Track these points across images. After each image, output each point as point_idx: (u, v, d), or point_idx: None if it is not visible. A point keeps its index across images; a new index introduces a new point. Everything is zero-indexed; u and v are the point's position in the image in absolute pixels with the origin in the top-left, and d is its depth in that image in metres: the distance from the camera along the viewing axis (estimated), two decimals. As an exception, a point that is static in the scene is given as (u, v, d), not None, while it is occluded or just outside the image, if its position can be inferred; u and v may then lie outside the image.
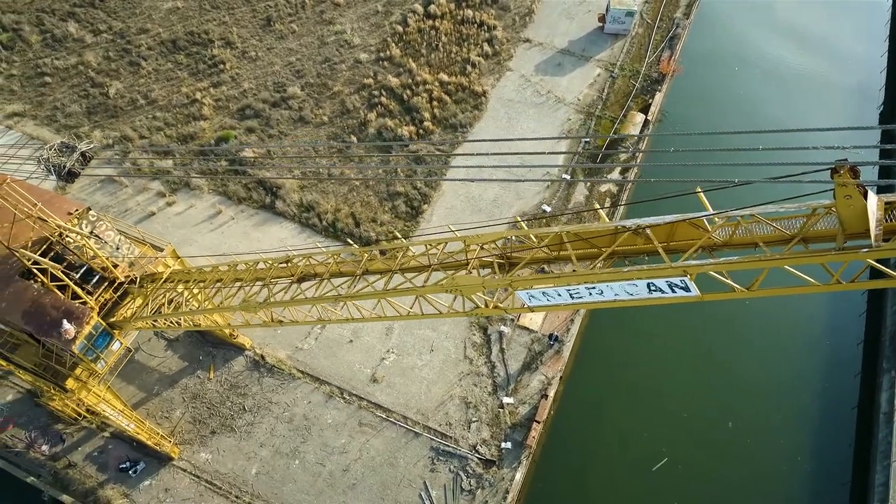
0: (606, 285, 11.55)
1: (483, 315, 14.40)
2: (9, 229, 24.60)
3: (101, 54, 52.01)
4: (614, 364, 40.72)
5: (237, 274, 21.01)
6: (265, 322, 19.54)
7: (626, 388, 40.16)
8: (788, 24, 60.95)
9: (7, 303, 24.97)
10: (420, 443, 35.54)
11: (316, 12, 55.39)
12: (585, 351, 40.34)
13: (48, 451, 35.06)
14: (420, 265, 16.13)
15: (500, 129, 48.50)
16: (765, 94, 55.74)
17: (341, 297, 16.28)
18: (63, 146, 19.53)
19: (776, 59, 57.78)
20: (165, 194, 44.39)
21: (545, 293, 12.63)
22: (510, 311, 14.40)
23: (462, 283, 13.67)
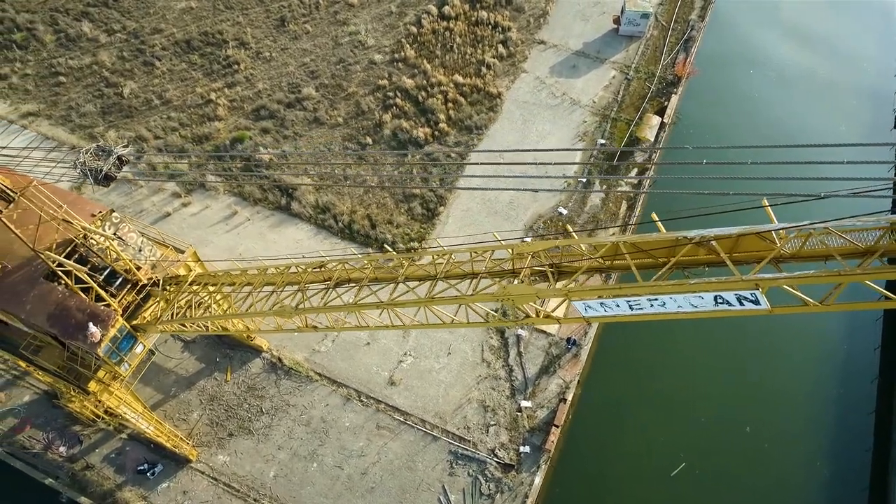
0: (670, 297, 11.42)
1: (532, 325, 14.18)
2: (34, 231, 24.50)
3: (115, 54, 51.94)
4: (631, 368, 40.56)
5: (268, 278, 20.86)
6: (299, 328, 19.42)
7: (643, 393, 40.00)
8: (802, 26, 60.70)
9: (32, 305, 24.89)
10: (438, 446, 35.42)
11: (330, 13, 55.28)
12: (602, 354, 40.18)
13: (66, 453, 34.99)
14: (463, 273, 15.96)
15: (516, 131, 48.37)
16: (779, 97, 55.52)
17: (383, 304, 16.12)
18: (99, 150, 19.43)
19: (790, 62, 57.56)
20: (181, 195, 44.30)
21: (603, 304, 12.49)
22: (563, 321, 14.26)
23: (514, 293, 13.51)
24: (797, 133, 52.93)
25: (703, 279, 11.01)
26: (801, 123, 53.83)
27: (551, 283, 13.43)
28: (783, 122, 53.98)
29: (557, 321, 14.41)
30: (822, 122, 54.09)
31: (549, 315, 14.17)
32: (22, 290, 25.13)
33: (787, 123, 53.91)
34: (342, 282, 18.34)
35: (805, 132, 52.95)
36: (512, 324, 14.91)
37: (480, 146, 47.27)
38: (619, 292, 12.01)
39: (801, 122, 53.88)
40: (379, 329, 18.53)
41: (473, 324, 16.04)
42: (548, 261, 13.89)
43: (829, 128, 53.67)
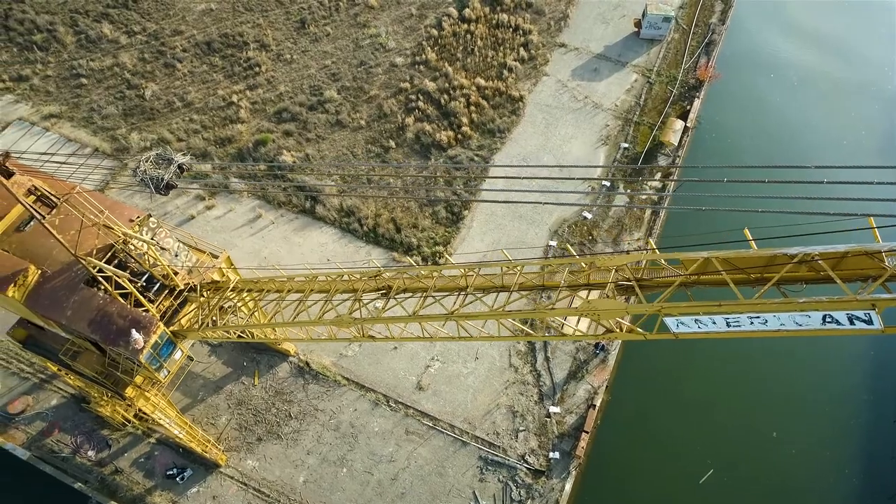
0: (773, 315, 11.29)
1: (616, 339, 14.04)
2: (75, 237, 24.40)
3: (135, 56, 51.85)
4: (658, 373, 40.43)
5: (320, 285, 20.67)
6: (354, 337, 19.28)
7: (669, 398, 39.89)
8: (822, 29, 60.53)
9: (73, 311, 24.78)
10: (468, 452, 35.31)
11: (350, 15, 55.15)
12: (629, 360, 40.05)
13: (94, 457, 34.93)
14: (533, 285, 15.82)
15: (538, 135, 48.24)
16: (800, 101, 55.40)
17: (451, 315, 15.93)
18: (159, 158, 19.32)
19: (810, 66, 57.40)
20: (204, 198, 44.19)
21: (698, 321, 12.35)
22: (650, 337, 14.13)
23: (601, 308, 13.37)
24: (817, 139, 52.85)
25: (814, 298, 10.87)
26: (821, 128, 53.70)
27: (640, 297, 13.29)
28: (803, 127, 53.88)
29: (644, 336, 14.19)
30: (842, 127, 53.90)
31: (634, 329, 14.03)
32: (62, 295, 25.01)
33: (807, 128, 53.81)
34: (401, 291, 18.20)
35: (825, 137, 52.86)
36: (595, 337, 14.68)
37: (504, 150, 47.18)
38: (720, 309, 11.87)
39: (821, 127, 53.75)
40: (444, 340, 18.37)
41: (551, 337, 15.89)
42: (633, 275, 13.75)
43: (850, 133, 53.50)
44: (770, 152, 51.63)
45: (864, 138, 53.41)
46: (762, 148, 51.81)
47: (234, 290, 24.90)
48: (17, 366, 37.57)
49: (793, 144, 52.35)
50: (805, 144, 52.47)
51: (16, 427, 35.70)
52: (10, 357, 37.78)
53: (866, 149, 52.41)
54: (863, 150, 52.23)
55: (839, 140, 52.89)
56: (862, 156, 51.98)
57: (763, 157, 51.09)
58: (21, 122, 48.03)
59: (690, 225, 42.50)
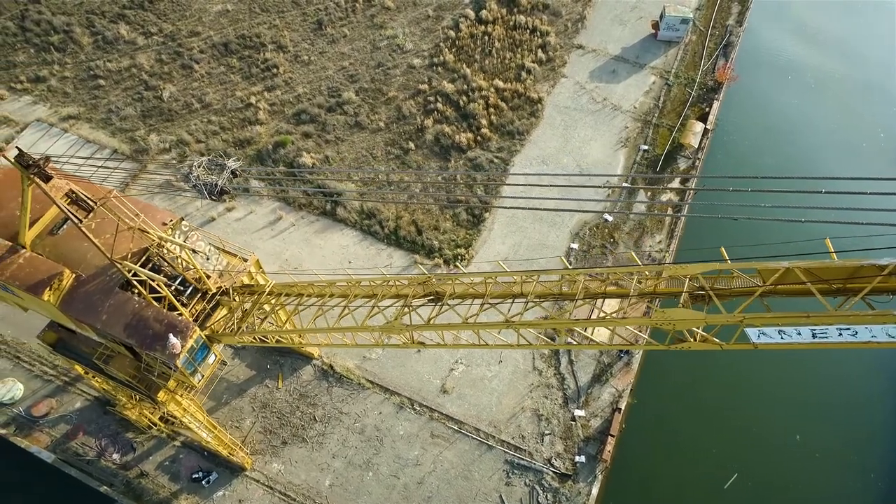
0: (865, 327, 11.19)
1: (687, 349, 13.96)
2: (109, 241, 24.29)
3: (153, 57, 51.75)
4: (681, 377, 40.32)
5: (364, 290, 20.53)
6: (404, 343, 19.17)
7: (693, 402, 39.82)
8: (839, 31, 60.45)
9: (108, 315, 24.65)
10: (494, 455, 35.22)
11: (367, 16, 55.05)
12: (653, 364, 39.93)
13: (119, 460, 34.84)
14: (595, 293, 15.70)
15: (558, 137, 48.14)
16: (818, 103, 55.34)
17: (512, 323, 15.79)
18: (211, 163, 19.21)
19: (828, 68, 57.33)
20: (225, 199, 43.97)
21: (782, 332, 12.24)
22: (726, 347, 14.04)
23: (678, 318, 13.23)
24: (835, 141, 52.79)
25: (915, 311, 10.80)
26: (839, 130, 53.62)
27: (719, 307, 13.19)
28: (821, 130, 53.81)
29: (720, 347, 14.07)
30: (860, 130, 53.81)
31: (709, 339, 13.89)
32: (97, 299, 24.89)
33: (824, 131, 53.74)
34: (453, 297, 18.07)
35: (843, 140, 52.79)
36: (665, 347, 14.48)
37: (523, 152, 47.09)
38: (808, 321, 11.76)
39: (839, 129, 53.67)
40: (501, 348, 18.23)
41: (615, 346, 15.76)
42: (705, 284, 13.60)
43: (867, 136, 53.42)
44: (788, 154, 51.59)
45: (882, 141, 53.34)
46: (780, 150, 51.75)
47: (270, 295, 24.77)
48: (40, 368, 37.49)
49: (811, 147, 52.28)
50: (823, 147, 52.40)
51: (40, 430, 35.61)
52: (33, 360, 37.69)
53: (885, 152, 52.35)
54: (881, 154, 52.17)
55: (857, 143, 52.82)
56: (880, 159, 51.92)
57: (781, 160, 51.05)
58: (39, 123, 47.93)
59: (711, 229, 42.47)
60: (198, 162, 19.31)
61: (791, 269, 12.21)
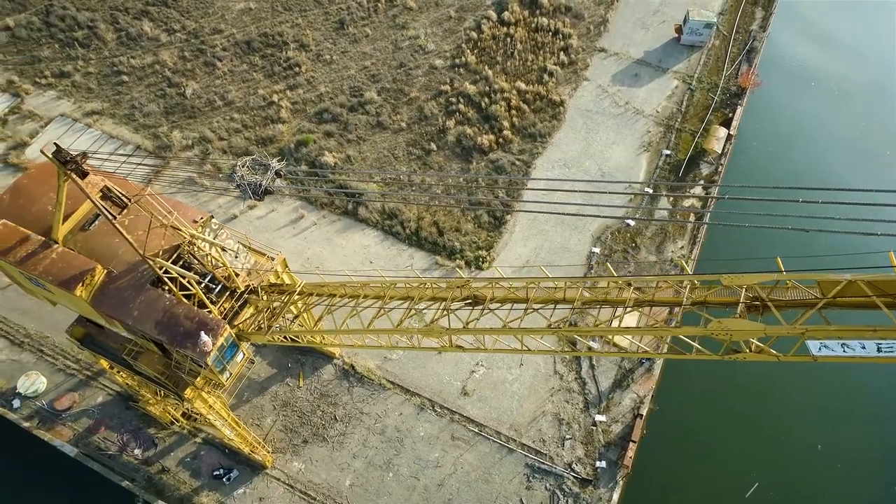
0: None
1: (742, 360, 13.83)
2: (141, 238, 24.35)
3: (176, 54, 51.93)
4: (703, 384, 40.10)
5: (399, 292, 20.47)
6: (443, 347, 19.11)
7: (714, 409, 39.60)
8: (862, 38, 59.99)
9: (139, 312, 24.73)
10: (514, 459, 35.11)
11: (388, 16, 55.04)
12: (674, 370, 39.70)
13: (140, 455, 34.95)
14: (643, 300, 15.56)
15: (580, 140, 47.97)
16: (841, 110, 54.91)
17: (560, 329, 15.71)
18: (255, 163, 19.22)
19: (852, 76, 56.90)
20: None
21: (845, 345, 12.12)
22: (783, 359, 13.91)
23: (735, 328, 13.10)
24: (858, 148, 52.39)
25: None
26: (862, 138, 53.20)
27: (779, 319, 13.06)
28: (844, 137, 53.42)
29: (777, 358, 13.92)
30: (883, 138, 53.35)
31: (766, 350, 13.73)
32: (129, 296, 24.97)
33: (847, 138, 53.34)
34: (480, 300, 18.02)
35: (866, 148, 52.38)
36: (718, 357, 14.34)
37: (545, 154, 46.97)
38: (874, 335, 11.61)
39: (862, 136, 53.25)
40: (542, 353, 18.16)
41: (667, 355, 15.64)
42: (758, 294, 13.48)
43: (892, 144, 52.96)
44: (811, 161, 51.23)
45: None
46: (803, 157, 51.41)
47: (301, 294, 24.78)
48: (63, 362, 37.68)
49: (833, 154, 51.91)
50: (846, 154, 52.01)
51: (63, 423, 35.79)
52: (56, 353, 37.89)
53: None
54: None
55: (881, 151, 52.38)
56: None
57: (804, 166, 50.70)
58: (63, 118, 48.19)
59: (733, 237, 42.23)
60: (241, 162, 19.33)
61: (854, 281, 12.09)
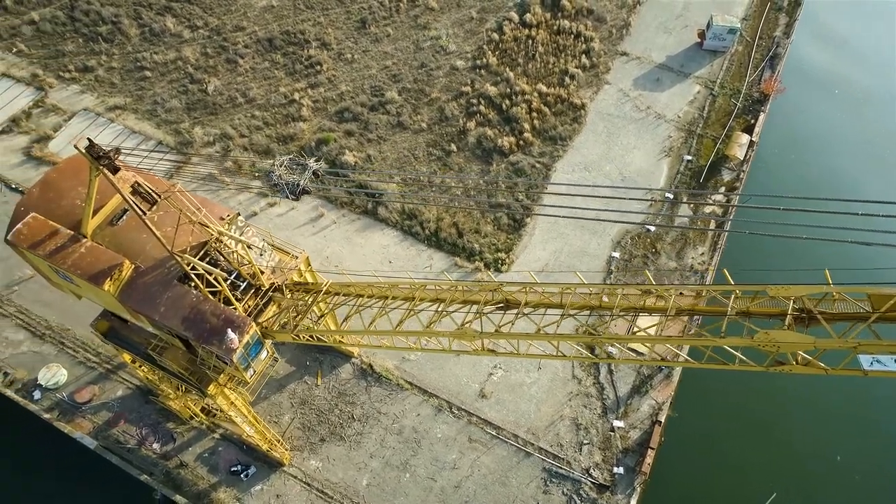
0: None
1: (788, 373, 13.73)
2: (169, 234, 24.45)
3: (198, 50, 52.16)
4: (722, 392, 39.85)
5: (428, 294, 20.42)
6: (475, 351, 19.06)
7: (733, 417, 39.35)
8: (887, 46, 59.41)
9: (166, 307, 24.83)
10: (531, 463, 35.01)
11: (410, 16, 55.06)
12: (693, 377, 39.45)
13: (159, 450, 35.12)
14: (683, 308, 15.44)
15: (600, 144, 47.80)
16: (864, 118, 54.41)
17: (602, 337, 15.60)
18: (293, 163, 19.26)
19: (876, 84, 56.38)
20: (267, 194, 44.31)
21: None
22: (832, 372, 13.79)
23: (783, 340, 12.96)
24: (881, 155, 51.91)
25: None
26: (885, 146, 52.70)
27: (830, 332, 12.92)
28: (867, 145, 52.92)
29: (825, 371, 13.81)
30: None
31: (814, 363, 13.59)
32: (156, 291, 25.08)
33: (870, 146, 52.85)
34: (513, 304, 17.97)
35: (889, 156, 51.88)
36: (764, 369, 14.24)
37: (565, 158, 46.82)
38: None
39: (885, 144, 52.75)
40: (577, 360, 18.10)
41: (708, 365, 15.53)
42: (806, 306, 13.34)
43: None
44: (834, 169, 50.81)
45: (929, 159, 52.33)
46: (826, 164, 50.99)
47: (327, 294, 24.79)
48: (83, 355, 37.91)
49: (856, 162, 51.47)
50: (869, 163, 51.56)
51: (83, 416, 36.01)
52: (77, 346, 38.14)
53: (933, 170, 51.39)
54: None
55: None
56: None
57: (827, 174, 50.30)
58: (86, 113, 48.51)
59: (755, 245, 41.91)
60: (279, 161, 19.37)
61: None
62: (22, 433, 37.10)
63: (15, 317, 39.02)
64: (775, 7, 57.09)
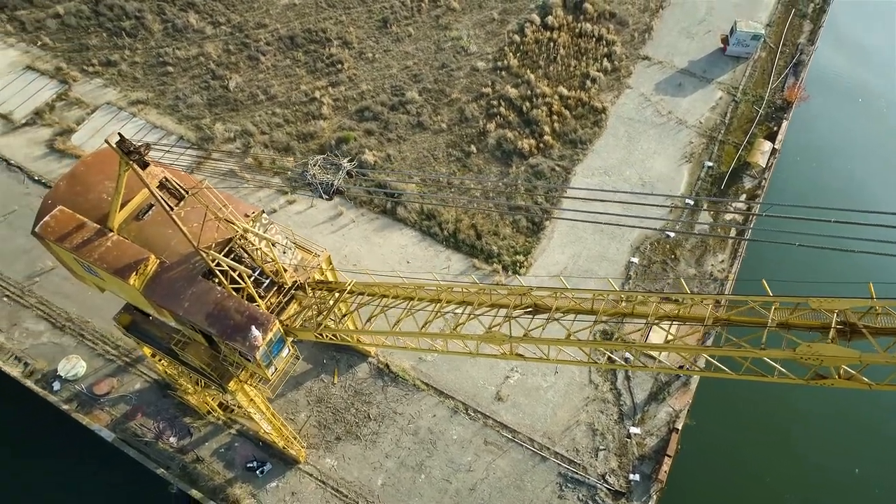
0: None
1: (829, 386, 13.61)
2: (196, 229, 24.53)
3: (220, 47, 52.38)
4: (739, 401, 39.54)
5: (455, 297, 20.35)
6: (502, 355, 18.97)
7: (750, 426, 39.03)
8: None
9: (190, 303, 24.91)
10: (547, 467, 34.87)
11: (432, 17, 55.02)
12: (711, 386, 39.10)
13: (176, 444, 35.27)
14: (721, 319, 15.25)
15: (621, 148, 47.55)
16: (888, 128, 53.83)
17: (635, 345, 15.49)
18: (327, 163, 19.27)
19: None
20: (287, 192, 44.43)
21: None
22: (875, 387, 13.63)
23: (827, 354, 12.80)
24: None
25: None
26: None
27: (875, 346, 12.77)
28: (891, 155, 52.36)
29: (868, 386, 13.67)
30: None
31: (856, 377, 13.42)
32: (180, 287, 25.16)
33: (893, 159, 52.30)
34: (543, 308, 17.87)
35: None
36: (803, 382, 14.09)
37: (585, 161, 46.61)
38: None
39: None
40: (607, 368, 17.98)
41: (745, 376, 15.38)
42: (849, 319, 13.16)
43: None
44: (856, 179, 50.31)
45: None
46: (848, 174, 50.50)
47: (351, 293, 24.79)
48: (102, 348, 38.15)
49: (880, 173, 50.92)
50: (892, 172, 51.01)
51: (101, 408, 36.24)
52: (96, 339, 38.38)
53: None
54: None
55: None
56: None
57: (849, 184, 49.81)
58: (109, 107, 48.84)
59: (776, 254, 41.46)
60: (313, 161, 19.37)
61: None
62: (40, 423, 37.41)
63: (36, 308, 39.34)
64: (799, 14, 56.60)
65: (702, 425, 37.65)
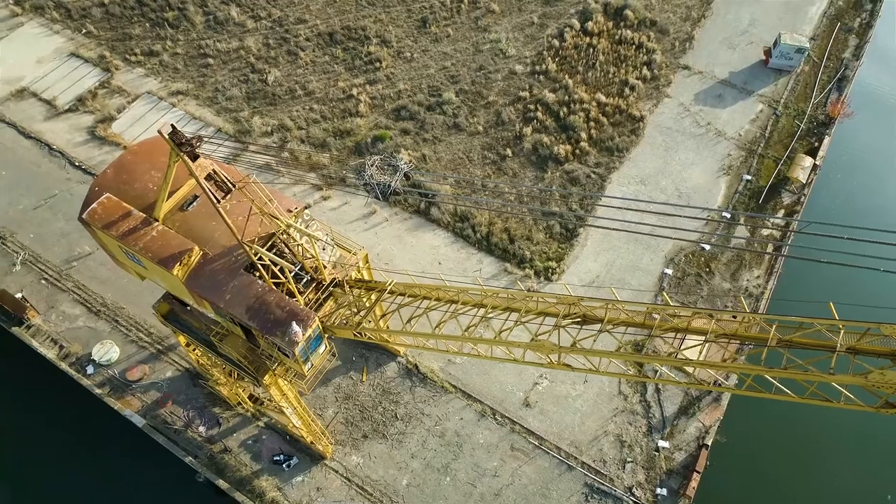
0: None
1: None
2: (240, 223, 24.68)
3: (260, 41, 52.78)
4: (771, 419, 38.87)
5: (500, 302, 20.23)
6: (549, 364, 18.79)
7: (782, 446, 38.36)
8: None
9: (231, 295, 25.06)
10: (573, 476, 34.60)
11: (471, 18, 54.92)
12: (742, 403, 38.54)
13: (205, 433, 35.55)
14: (785, 340, 14.93)
15: (658, 158, 47.05)
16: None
17: (693, 362, 15.16)
18: (384, 164, 19.28)
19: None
20: (322, 188, 44.62)
21: None
22: None
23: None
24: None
25: None
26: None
27: None
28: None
29: None
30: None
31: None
32: (222, 279, 25.33)
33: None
34: (591, 319, 17.68)
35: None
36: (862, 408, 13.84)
37: (621, 170, 46.20)
38: None
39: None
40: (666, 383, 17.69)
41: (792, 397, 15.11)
42: None
43: None
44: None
45: None
46: (892, 193, 49.43)
47: (391, 293, 24.78)
48: (135, 334, 38.62)
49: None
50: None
51: (132, 394, 36.69)
52: (129, 325, 38.86)
53: None
54: None
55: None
56: None
57: (892, 204, 48.78)
58: (149, 96, 49.45)
59: (813, 271, 40.79)
60: (370, 161, 19.38)
61: None
62: (72, 406, 37.96)
63: (73, 292, 39.94)
64: (845, 28, 55.56)
65: (732, 442, 37.08)
